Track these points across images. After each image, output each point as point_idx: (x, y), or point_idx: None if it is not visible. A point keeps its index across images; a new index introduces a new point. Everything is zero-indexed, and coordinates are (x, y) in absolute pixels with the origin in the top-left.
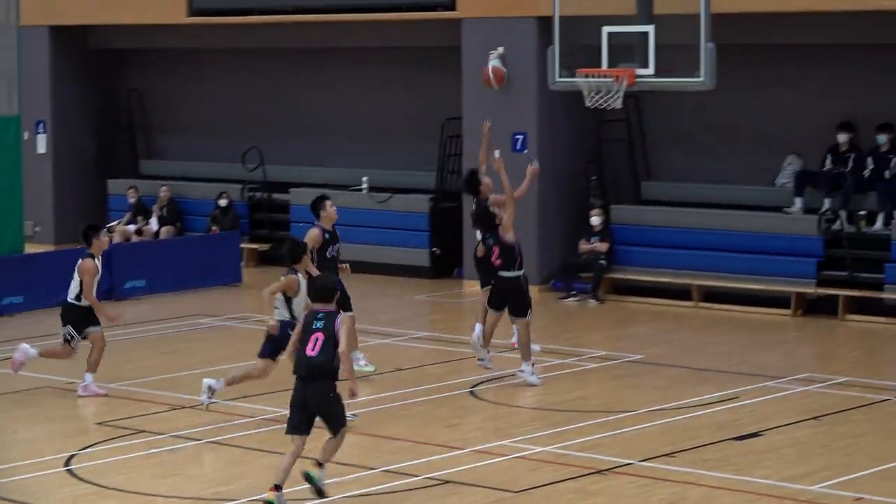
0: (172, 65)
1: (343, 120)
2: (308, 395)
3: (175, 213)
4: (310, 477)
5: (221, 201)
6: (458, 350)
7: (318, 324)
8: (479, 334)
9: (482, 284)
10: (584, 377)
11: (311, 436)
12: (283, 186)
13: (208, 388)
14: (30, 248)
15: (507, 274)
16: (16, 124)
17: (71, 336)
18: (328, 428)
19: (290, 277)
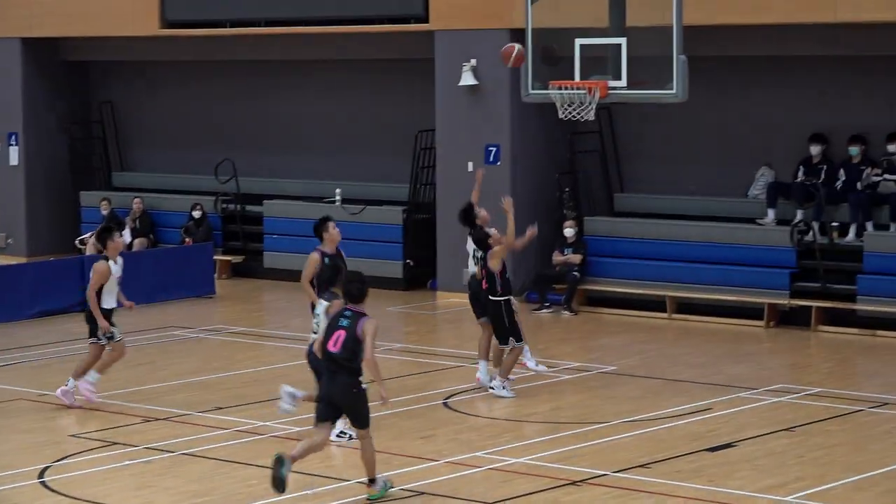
0: (145, 77)
1: (316, 132)
2: (332, 388)
3: (148, 225)
4: (371, 498)
5: (195, 213)
6: (431, 362)
7: (344, 321)
8: (483, 372)
9: (477, 316)
10: (557, 388)
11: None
12: (257, 198)
13: (289, 395)
14: (1, 260)
15: (492, 298)
16: None
17: (110, 335)
18: (353, 425)
19: (337, 303)
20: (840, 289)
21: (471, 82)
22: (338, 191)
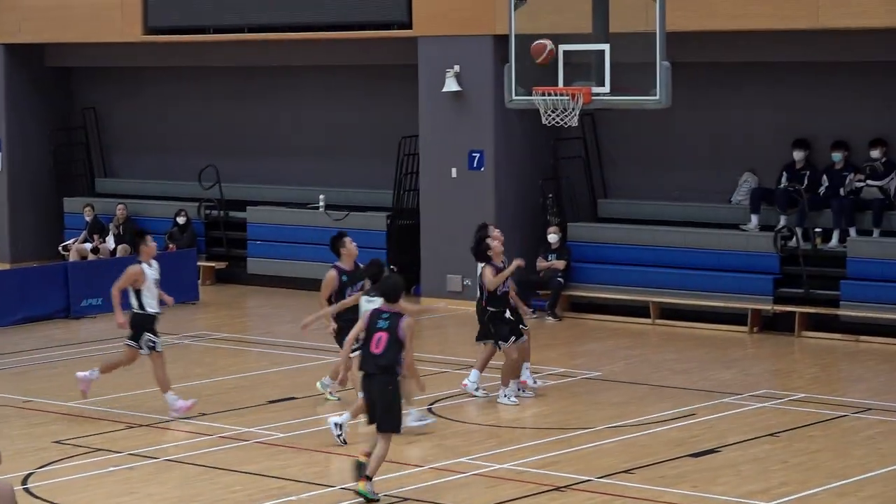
0: (128, 83)
1: (299, 138)
2: (372, 389)
3: (131, 232)
4: (360, 492)
5: (180, 219)
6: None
7: (383, 323)
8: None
9: (478, 338)
10: (541, 394)
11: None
12: (240, 204)
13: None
14: None
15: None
16: None
17: (152, 342)
18: (378, 423)
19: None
20: (823, 294)
21: (454, 88)
22: (321, 197)
